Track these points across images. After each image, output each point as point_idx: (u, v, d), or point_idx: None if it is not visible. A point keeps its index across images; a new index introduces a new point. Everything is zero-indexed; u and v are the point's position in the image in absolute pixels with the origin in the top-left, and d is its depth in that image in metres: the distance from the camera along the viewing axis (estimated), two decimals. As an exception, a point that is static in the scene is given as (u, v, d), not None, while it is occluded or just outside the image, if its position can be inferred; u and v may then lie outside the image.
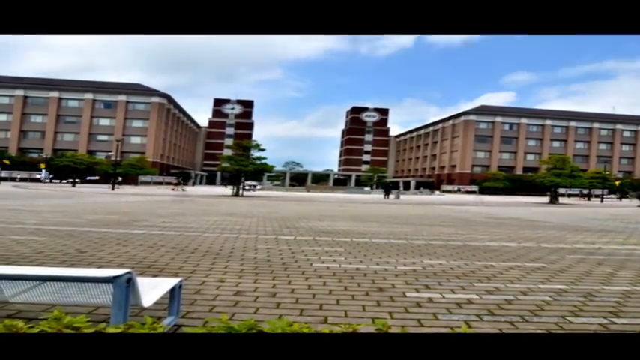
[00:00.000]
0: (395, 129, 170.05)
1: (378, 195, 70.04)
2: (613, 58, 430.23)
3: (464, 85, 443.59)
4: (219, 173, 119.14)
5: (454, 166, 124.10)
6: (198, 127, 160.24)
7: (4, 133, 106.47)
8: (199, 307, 5.22)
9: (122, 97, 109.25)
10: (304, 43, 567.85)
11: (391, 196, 57.21)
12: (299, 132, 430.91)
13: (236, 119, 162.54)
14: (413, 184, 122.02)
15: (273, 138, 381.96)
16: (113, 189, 53.62)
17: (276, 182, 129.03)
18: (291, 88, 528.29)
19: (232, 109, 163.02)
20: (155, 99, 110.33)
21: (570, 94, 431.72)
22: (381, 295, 6.02)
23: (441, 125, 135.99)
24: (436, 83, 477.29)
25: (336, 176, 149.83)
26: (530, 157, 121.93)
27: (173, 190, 59.53)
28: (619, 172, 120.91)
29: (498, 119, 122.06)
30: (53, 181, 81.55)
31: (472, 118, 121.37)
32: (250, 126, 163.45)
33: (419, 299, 5.88)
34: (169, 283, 4.31)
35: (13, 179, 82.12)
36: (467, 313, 5.33)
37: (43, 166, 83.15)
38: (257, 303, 5.48)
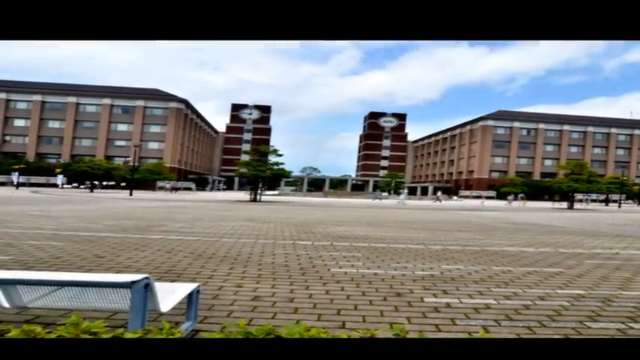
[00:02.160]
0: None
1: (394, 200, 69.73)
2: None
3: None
4: (236, 178, 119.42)
5: (472, 172, 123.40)
6: (216, 132, 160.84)
7: (22, 139, 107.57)
8: (217, 312, 5.23)
9: (140, 103, 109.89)
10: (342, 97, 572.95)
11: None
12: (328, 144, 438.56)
13: (254, 124, 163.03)
14: (430, 189, 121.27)
15: (299, 149, 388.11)
16: (131, 194, 53.97)
17: (293, 188, 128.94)
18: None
19: (250, 114, 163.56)
20: (173, 104, 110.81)
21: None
22: (398, 301, 6.00)
23: (458, 130, 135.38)
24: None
25: (353, 181, 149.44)
26: (547, 163, 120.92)
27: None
28: (637, 177, 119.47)
29: (516, 124, 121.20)
30: (66, 186, 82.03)
31: (490, 123, 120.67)
32: (268, 131, 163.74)
33: (437, 304, 5.85)
34: (187, 288, 4.33)
35: (32, 184, 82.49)
36: (484, 318, 5.30)
37: (58, 170, 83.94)
38: (275, 308, 5.48)
